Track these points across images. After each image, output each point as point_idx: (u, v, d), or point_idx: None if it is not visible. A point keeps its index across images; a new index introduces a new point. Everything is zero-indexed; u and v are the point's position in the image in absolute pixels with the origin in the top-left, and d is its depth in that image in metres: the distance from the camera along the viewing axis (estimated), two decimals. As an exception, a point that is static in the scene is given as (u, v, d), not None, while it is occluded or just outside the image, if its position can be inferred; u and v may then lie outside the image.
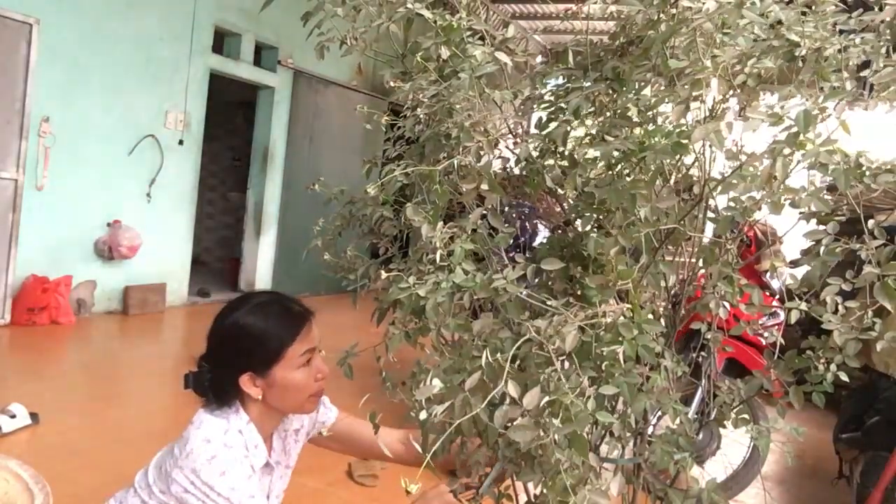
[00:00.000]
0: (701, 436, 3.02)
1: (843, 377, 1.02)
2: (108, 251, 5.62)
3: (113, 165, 5.69)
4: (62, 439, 3.17)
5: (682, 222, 1.03)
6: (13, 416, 3.16)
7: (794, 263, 3.57)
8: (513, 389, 0.79)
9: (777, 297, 3.34)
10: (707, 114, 1.00)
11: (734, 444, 3.14)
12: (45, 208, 5.20)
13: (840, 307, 0.97)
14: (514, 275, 0.93)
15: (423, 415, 0.85)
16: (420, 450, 0.99)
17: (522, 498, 1.22)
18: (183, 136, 6.22)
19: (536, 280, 1.09)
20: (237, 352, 1.39)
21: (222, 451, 1.29)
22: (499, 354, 0.83)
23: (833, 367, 1.01)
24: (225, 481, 1.26)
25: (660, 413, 1.08)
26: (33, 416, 3.25)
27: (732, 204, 0.99)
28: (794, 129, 0.87)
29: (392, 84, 1.18)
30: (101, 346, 5.20)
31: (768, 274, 3.39)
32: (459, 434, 0.97)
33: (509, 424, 0.81)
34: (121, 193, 5.79)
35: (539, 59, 9.51)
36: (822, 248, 0.93)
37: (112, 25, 5.50)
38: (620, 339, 0.83)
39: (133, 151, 5.83)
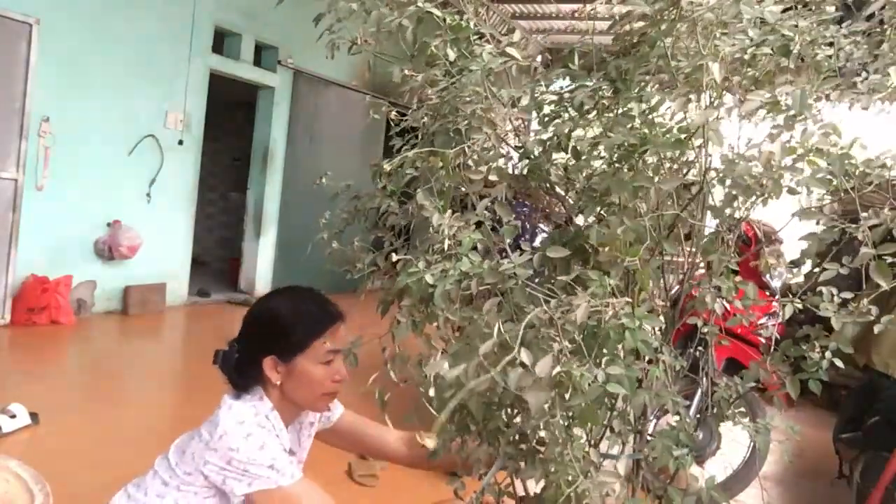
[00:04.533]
0: (701, 435, 3.01)
1: (839, 363, 1.03)
2: (108, 251, 5.62)
3: (113, 165, 5.69)
4: (62, 439, 3.16)
5: (683, 212, 1.04)
6: (13, 416, 3.16)
7: (794, 264, 3.56)
8: (525, 357, 0.81)
9: (776, 296, 3.34)
10: (706, 104, 1.01)
11: (734, 444, 3.13)
12: (45, 208, 5.20)
13: (836, 297, 0.98)
14: (522, 259, 0.94)
15: (432, 391, 0.86)
16: (429, 447, 0.99)
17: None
18: (183, 136, 6.22)
19: (537, 280, 1.10)
20: (268, 333, 1.44)
21: (257, 430, 1.34)
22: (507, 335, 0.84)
23: (828, 354, 1.03)
24: (265, 453, 1.31)
25: (659, 412, 1.09)
26: (33, 416, 3.25)
27: (733, 192, 1.00)
28: (792, 112, 0.89)
29: (406, 73, 1.19)
30: (101, 346, 5.20)
31: (767, 273, 3.39)
32: (469, 419, 0.98)
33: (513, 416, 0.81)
34: (121, 193, 5.79)
35: (539, 59, 9.50)
36: (819, 229, 0.95)
37: (112, 25, 5.50)
38: (623, 329, 0.84)
39: (133, 151, 5.83)
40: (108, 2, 5.45)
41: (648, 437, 1.17)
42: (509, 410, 1.15)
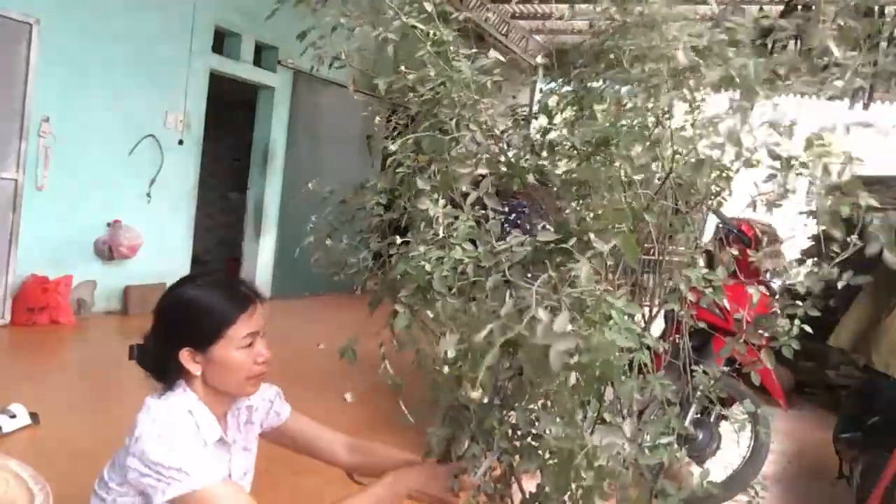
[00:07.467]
0: (701, 435, 3.00)
1: (808, 329, 1.12)
2: (108, 251, 5.62)
3: (113, 165, 5.69)
4: (62, 439, 3.16)
5: (657, 195, 1.08)
6: (13, 416, 3.16)
7: (796, 263, 3.56)
8: (543, 314, 0.83)
9: (776, 296, 3.34)
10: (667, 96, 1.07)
11: (734, 444, 3.13)
12: (45, 208, 5.20)
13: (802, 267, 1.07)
14: (517, 240, 0.97)
15: (446, 369, 0.88)
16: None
17: (519, 496, 1.23)
18: (183, 136, 6.22)
19: (529, 275, 1.12)
20: (179, 325, 1.39)
21: (168, 429, 1.28)
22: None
23: (797, 321, 1.13)
24: (173, 455, 1.25)
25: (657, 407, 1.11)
26: (33, 416, 3.25)
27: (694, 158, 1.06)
28: (748, 84, 0.95)
29: (400, 72, 1.21)
30: (101, 346, 5.20)
31: (768, 274, 3.39)
32: (461, 416, 0.98)
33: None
34: (121, 193, 5.79)
35: (539, 59, 9.51)
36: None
37: (112, 25, 5.50)
38: (609, 307, 0.86)
39: (133, 151, 5.83)
40: (108, 2, 5.45)
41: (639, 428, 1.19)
42: (505, 409, 1.16)
